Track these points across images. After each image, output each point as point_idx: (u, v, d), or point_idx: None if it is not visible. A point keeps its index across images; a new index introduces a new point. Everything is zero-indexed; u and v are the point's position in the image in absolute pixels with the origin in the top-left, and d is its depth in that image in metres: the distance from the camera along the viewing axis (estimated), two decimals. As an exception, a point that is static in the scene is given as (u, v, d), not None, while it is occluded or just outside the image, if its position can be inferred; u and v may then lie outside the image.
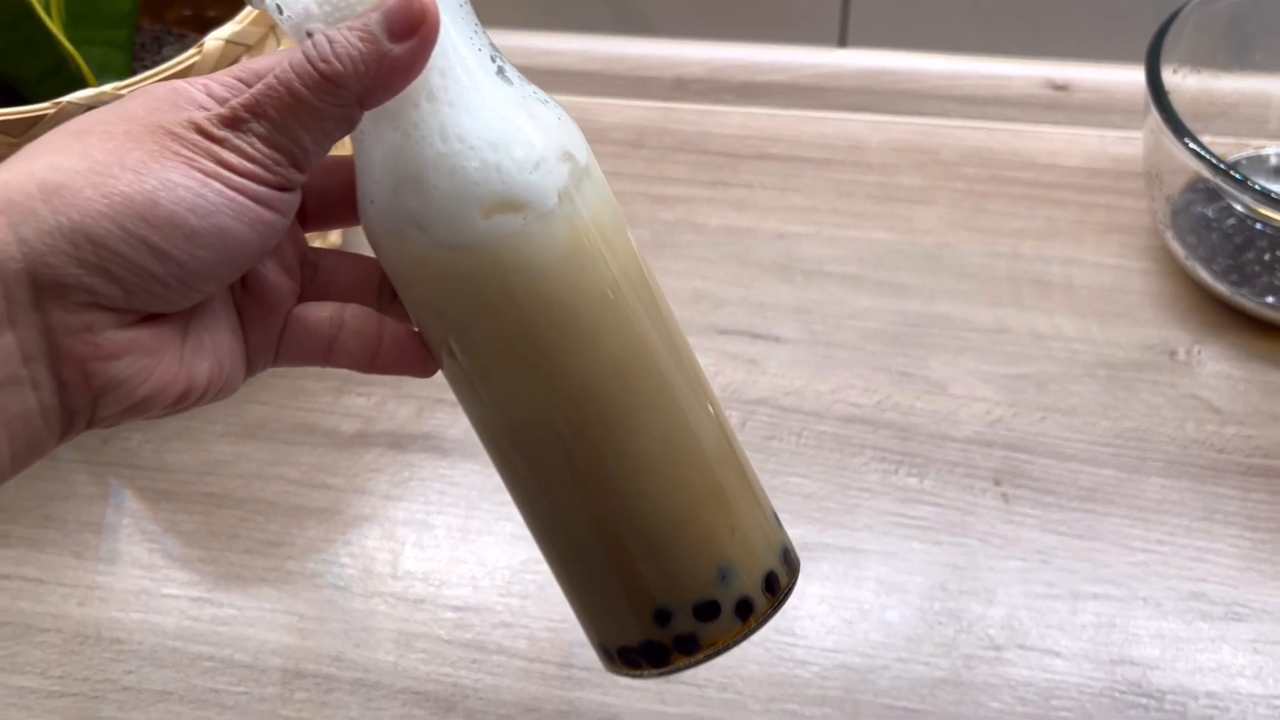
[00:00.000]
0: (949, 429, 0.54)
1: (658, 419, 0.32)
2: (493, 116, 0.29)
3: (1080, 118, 0.69)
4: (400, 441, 0.55)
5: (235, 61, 0.49)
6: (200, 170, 0.27)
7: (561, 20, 0.78)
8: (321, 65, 0.27)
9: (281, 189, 0.28)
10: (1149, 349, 0.57)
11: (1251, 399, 0.55)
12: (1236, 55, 0.61)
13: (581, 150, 0.31)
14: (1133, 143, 0.67)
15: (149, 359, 0.28)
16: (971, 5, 0.71)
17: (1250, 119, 0.63)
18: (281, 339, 0.33)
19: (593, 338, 0.31)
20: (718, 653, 0.33)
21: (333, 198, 0.33)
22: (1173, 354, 0.57)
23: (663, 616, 0.32)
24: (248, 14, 0.49)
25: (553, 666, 0.47)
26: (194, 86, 0.29)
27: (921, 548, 0.50)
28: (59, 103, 0.46)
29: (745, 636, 0.33)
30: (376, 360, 0.33)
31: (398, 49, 0.27)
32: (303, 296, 0.33)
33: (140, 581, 0.51)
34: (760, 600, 0.33)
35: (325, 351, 0.33)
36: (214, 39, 0.48)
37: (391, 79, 0.28)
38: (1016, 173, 0.66)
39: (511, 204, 0.29)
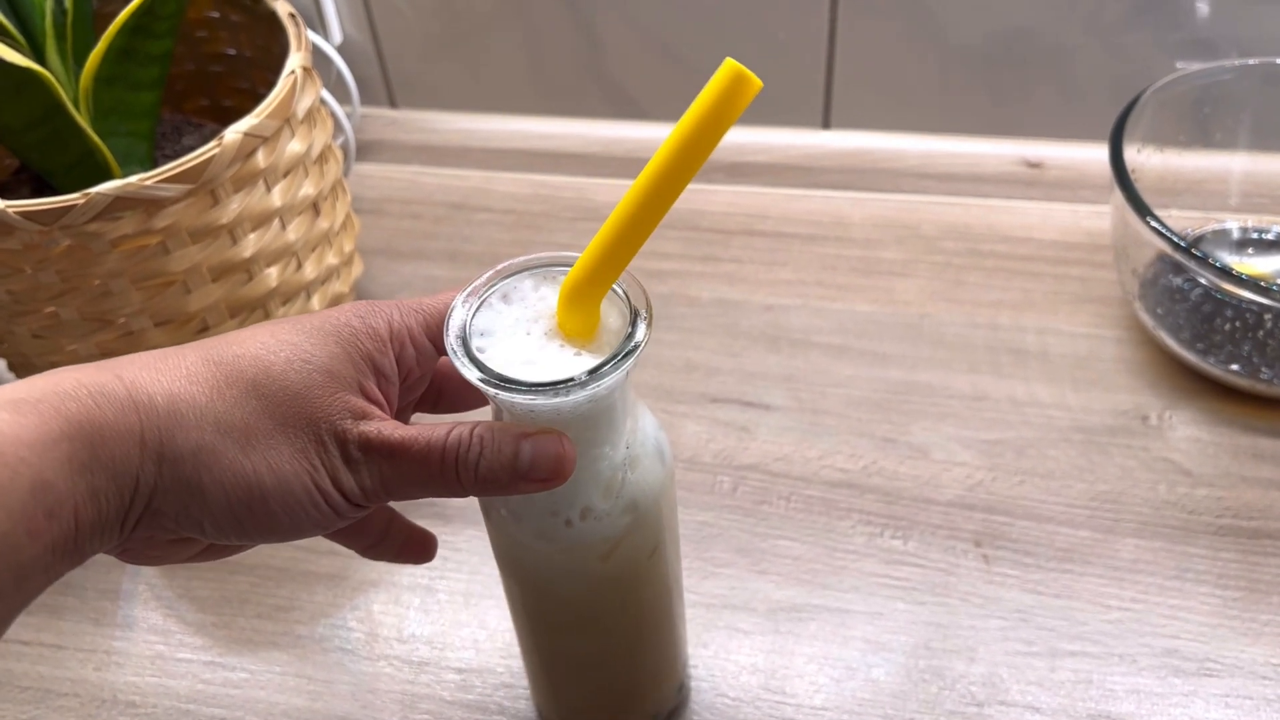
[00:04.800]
0: (931, 493, 0.56)
1: (634, 647, 0.43)
2: (589, 491, 0.35)
3: (1053, 193, 0.72)
4: (405, 509, 0.57)
5: (252, 154, 0.52)
6: (317, 486, 0.31)
7: (561, 106, 0.81)
8: (460, 471, 0.31)
9: (364, 509, 0.32)
10: (1122, 414, 0.59)
11: (1221, 462, 0.57)
12: (1197, 135, 0.65)
13: (650, 496, 0.37)
14: (1104, 217, 0.70)
15: (188, 550, 0.35)
16: (947, 88, 0.75)
17: (1214, 194, 0.66)
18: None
19: (593, 614, 0.40)
20: None
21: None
22: (1144, 419, 0.59)
23: None
24: (264, 109, 0.52)
25: (552, 726, 0.49)
26: (392, 335, 0.33)
27: (906, 608, 0.52)
28: (88, 194, 0.48)
29: None
30: (426, 554, 0.41)
31: (526, 485, 0.31)
32: None
33: (155, 646, 0.53)
34: None
35: (370, 547, 0.40)
36: (233, 132, 0.51)
37: (504, 495, 0.33)
38: (993, 246, 0.69)
39: (571, 547, 0.37)
